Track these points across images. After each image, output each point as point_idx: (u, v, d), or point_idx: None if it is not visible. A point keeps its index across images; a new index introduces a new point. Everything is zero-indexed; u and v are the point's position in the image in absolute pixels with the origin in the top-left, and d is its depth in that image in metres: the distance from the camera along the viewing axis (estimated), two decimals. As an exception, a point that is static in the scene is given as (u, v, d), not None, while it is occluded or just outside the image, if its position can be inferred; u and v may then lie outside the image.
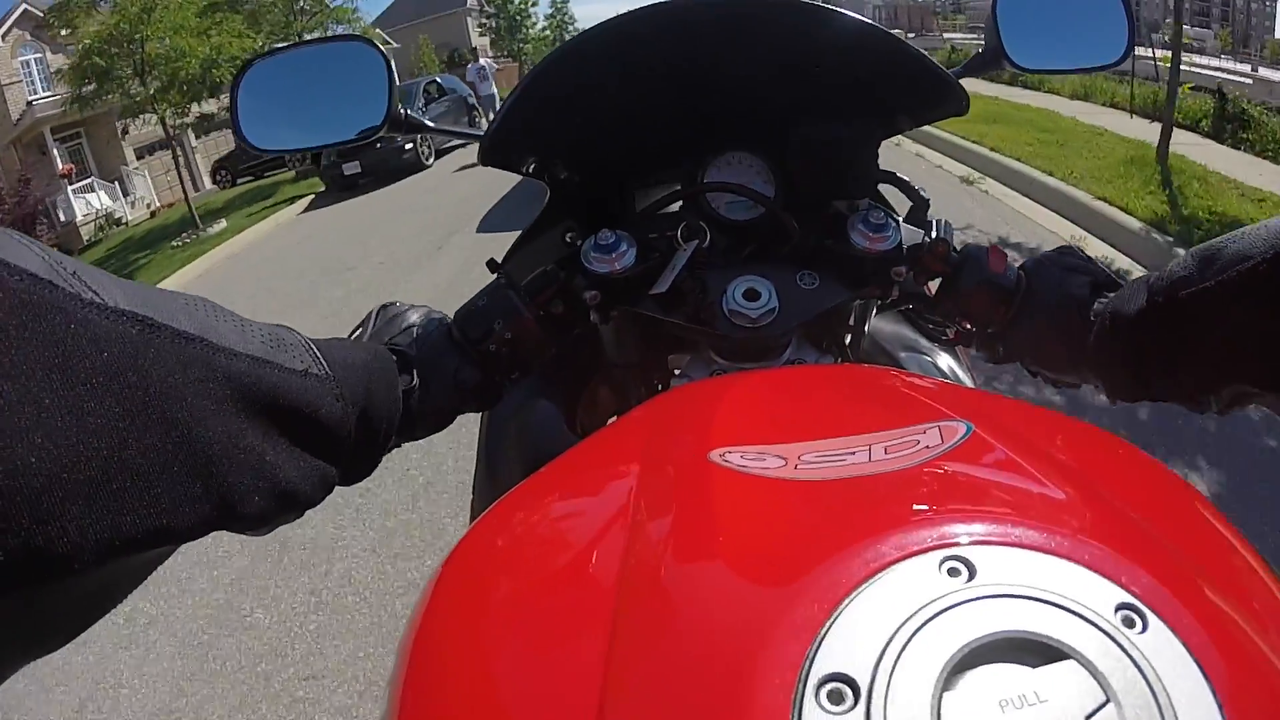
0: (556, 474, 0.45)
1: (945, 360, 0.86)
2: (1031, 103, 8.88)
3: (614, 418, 0.88)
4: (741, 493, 0.34)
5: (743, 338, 0.64)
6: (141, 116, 12.76)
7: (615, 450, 0.46)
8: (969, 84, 0.70)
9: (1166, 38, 7.31)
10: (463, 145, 11.26)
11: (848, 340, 0.76)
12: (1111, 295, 0.57)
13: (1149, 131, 6.05)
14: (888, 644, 0.24)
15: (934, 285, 0.70)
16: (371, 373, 0.50)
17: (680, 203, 0.75)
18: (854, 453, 0.35)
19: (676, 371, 0.73)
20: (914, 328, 0.75)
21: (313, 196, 12.22)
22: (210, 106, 13.85)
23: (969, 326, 0.68)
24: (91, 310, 0.30)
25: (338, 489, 0.47)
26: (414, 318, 0.61)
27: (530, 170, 0.75)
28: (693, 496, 0.35)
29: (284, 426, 0.40)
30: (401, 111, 0.76)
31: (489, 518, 0.42)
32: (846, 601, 0.25)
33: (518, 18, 30.43)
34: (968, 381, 0.86)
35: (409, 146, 11.69)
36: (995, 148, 6.39)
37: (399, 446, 0.57)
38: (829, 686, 0.23)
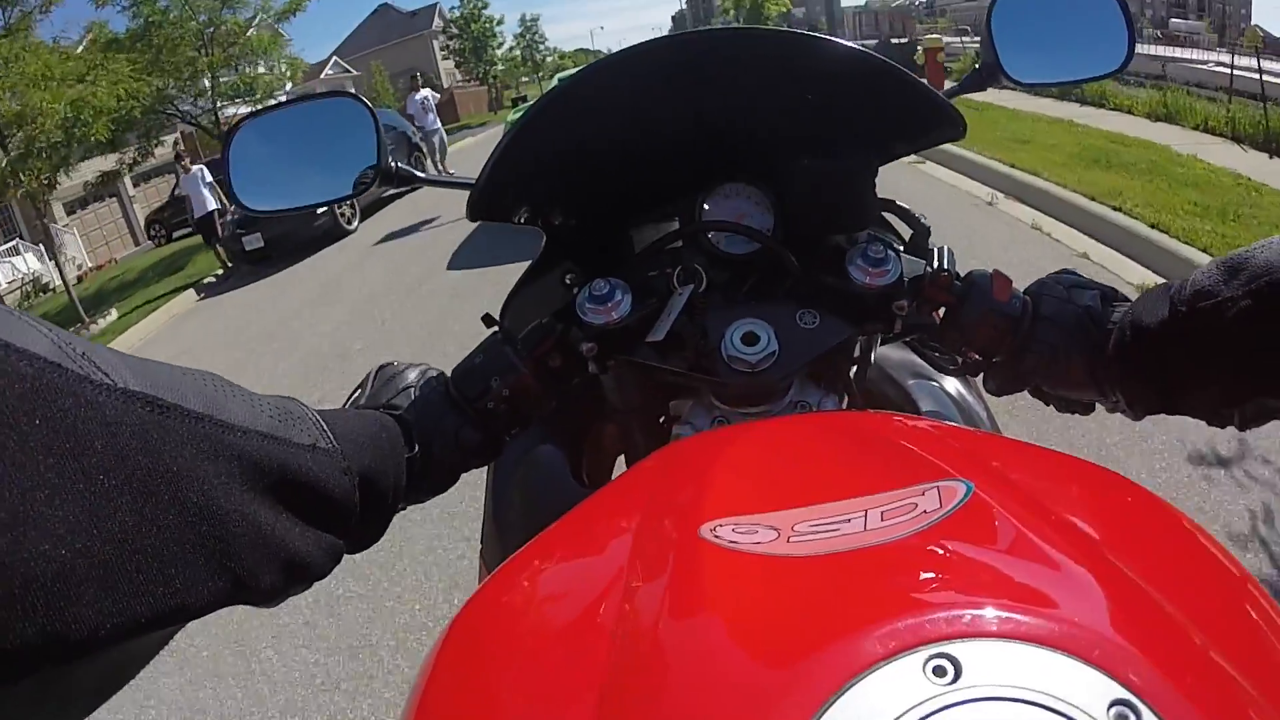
0: (556, 540, 0.45)
1: (954, 385, 0.84)
2: (1122, 129, 7.01)
3: (619, 460, 0.88)
4: (730, 572, 0.33)
5: (742, 384, 0.63)
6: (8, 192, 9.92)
7: (614, 518, 0.46)
8: (1040, 103, 0.70)
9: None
10: (396, 198, 10.60)
11: (853, 373, 0.75)
12: (1130, 304, 0.57)
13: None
14: None
15: (940, 314, 0.68)
16: (376, 442, 0.50)
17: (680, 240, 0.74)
18: (849, 519, 0.34)
19: (678, 417, 0.72)
20: (922, 355, 0.73)
21: (212, 279, 9.98)
22: (110, 163, 12.25)
23: (975, 356, 0.66)
24: (101, 393, 0.31)
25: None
26: (411, 377, 0.61)
27: (523, 219, 0.74)
28: (682, 576, 0.34)
29: (292, 501, 0.40)
30: (392, 164, 0.76)
31: (493, 583, 0.43)
32: (828, 705, 0.24)
33: (483, 38, 29.70)
34: (979, 409, 0.84)
35: (322, 211, 9.06)
36: (1157, 224, 4.15)
37: (404, 510, 0.57)
38: None
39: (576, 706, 0.29)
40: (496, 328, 0.64)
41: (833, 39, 0.65)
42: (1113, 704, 0.24)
